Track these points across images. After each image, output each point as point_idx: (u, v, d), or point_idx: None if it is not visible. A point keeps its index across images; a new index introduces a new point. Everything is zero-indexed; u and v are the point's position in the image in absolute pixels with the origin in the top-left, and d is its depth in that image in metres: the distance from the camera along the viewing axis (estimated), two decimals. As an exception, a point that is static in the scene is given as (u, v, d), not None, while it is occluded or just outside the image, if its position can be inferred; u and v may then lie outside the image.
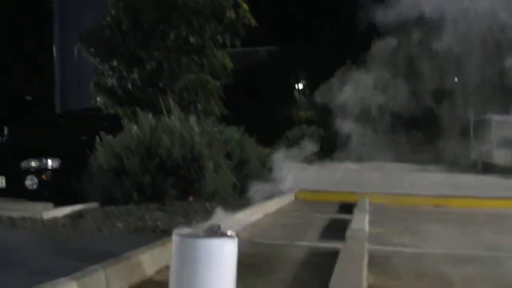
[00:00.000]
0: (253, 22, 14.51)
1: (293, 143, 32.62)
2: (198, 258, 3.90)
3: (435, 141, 30.07)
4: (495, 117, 26.67)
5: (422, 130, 29.87)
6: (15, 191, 11.01)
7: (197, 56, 14.66)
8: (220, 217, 8.11)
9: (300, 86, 49.76)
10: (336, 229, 8.94)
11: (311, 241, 8.11)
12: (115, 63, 14.56)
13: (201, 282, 3.90)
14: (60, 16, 50.63)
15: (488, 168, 25.64)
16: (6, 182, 11.03)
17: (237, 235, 4.16)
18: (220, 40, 14.55)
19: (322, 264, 6.22)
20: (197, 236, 4.07)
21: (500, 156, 25.09)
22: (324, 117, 35.93)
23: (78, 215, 8.61)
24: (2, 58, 47.52)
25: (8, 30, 49.43)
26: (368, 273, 5.57)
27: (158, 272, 5.69)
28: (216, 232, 4.15)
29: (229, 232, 4.20)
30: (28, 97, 54.04)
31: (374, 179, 19.98)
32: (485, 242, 8.42)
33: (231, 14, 14.07)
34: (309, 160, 30.85)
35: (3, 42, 48.31)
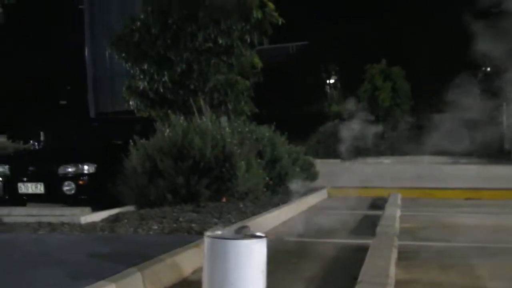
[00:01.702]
0: (280, 20, 14.61)
1: (326, 138, 32.77)
2: (228, 258, 4.07)
3: (467, 132, 29.85)
4: (528, 106, 26.43)
5: (453, 121, 29.66)
6: (54, 196, 11.30)
7: (226, 57, 14.82)
8: (252, 217, 8.30)
9: (332, 80, 49.68)
10: (368, 226, 9.06)
11: (342, 238, 8.24)
12: (145, 66, 14.76)
13: (232, 282, 4.06)
14: (91, 19, 51.12)
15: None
16: (45, 188, 11.32)
17: (266, 235, 4.32)
18: (248, 40, 14.67)
19: (352, 260, 6.35)
20: (227, 237, 4.25)
21: (532, 146, 24.90)
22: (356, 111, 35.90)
23: (115, 218, 8.82)
24: (35, 63, 48.12)
25: (39, 34, 50.08)
26: (396, 268, 5.69)
27: (194, 272, 5.87)
28: (246, 233, 4.31)
29: (258, 233, 4.37)
30: (62, 101, 54.78)
31: (407, 173, 20.02)
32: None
33: (258, 13, 14.18)
34: (342, 155, 30.91)
35: (35, 47, 48.96)
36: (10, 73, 44.73)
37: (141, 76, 15.04)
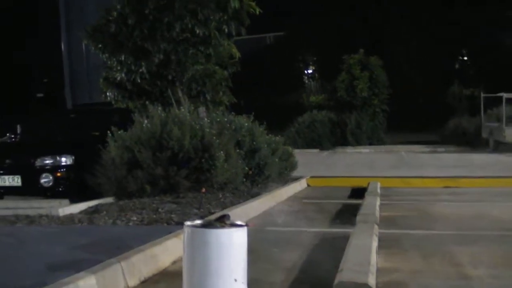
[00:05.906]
0: (257, 10, 14.55)
1: (303, 128, 32.78)
2: (208, 248, 4.03)
3: (446, 120, 30.12)
4: (506, 95, 26.58)
5: (432, 110, 29.89)
6: (31, 189, 11.18)
7: (204, 47, 14.73)
8: (232, 207, 8.26)
9: (310, 70, 49.68)
10: (348, 215, 9.06)
11: (323, 227, 8.24)
12: (122, 57, 14.64)
13: (213, 271, 4.02)
14: (67, 10, 50.56)
15: (499, 146, 25.64)
16: (22, 180, 11.19)
17: (247, 224, 4.29)
18: (226, 30, 14.60)
19: (333, 250, 6.35)
20: (207, 226, 4.21)
21: (511, 134, 25.04)
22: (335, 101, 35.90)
23: (94, 210, 8.76)
24: (9, 55, 47.65)
25: (15, 26, 49.57)
26: (377, 257, 5.69)
27: (174, 262, 5.84)
28: (226, 222, 4.27)
29: (238, 222, 4.33)
30: (39, 94, 54.33)
31: (385, 163, 20.10)
32: (495, 222, 8.52)
33: (235, 3, 14.11)
34: (320, 145, 30.96)
35: (10, 38, 48.42)
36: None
37: (118, 67, 14.92)
